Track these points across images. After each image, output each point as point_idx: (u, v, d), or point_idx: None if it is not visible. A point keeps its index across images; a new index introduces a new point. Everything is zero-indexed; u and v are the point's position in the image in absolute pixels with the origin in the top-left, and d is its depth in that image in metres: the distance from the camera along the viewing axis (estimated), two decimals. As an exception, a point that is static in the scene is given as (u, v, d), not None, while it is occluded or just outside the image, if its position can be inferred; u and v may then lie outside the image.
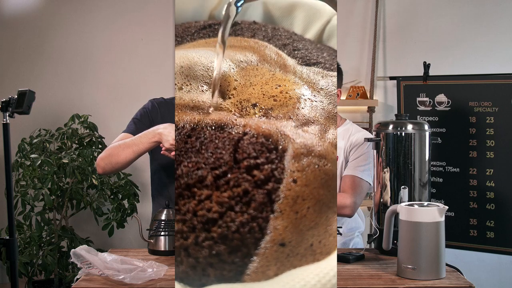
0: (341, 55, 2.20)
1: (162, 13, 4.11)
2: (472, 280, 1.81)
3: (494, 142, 3.09)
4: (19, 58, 4.18)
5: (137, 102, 2.46)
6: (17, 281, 2.21)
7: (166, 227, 2.07)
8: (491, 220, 3.10)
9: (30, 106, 2.20)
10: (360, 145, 2.37)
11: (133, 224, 3.68)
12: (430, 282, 1.79)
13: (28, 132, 3.79)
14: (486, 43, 3.95)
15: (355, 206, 2.31)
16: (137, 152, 2.17)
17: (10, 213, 2.25)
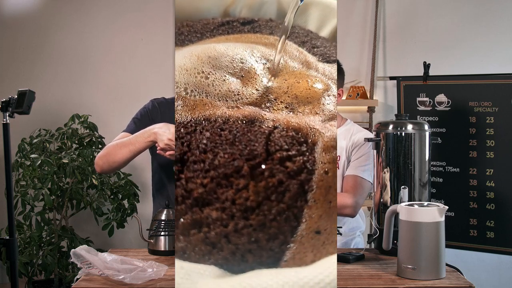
0: (341, 55, 2.20)
1: (162, 13, 4.11)
2: (472, 280, 1.81)
3: (494, 142, 3.09)
4: (19, 58, 4.18)
5: (137, 102, 2.46)
6: (17, 281, 2.21)
7: (166, 227, 2.07)
8: (491, 220, 3.09)
9: (30, 106, 2.20)
10: (361, 145, 2.37)
11: (133, 224, 3.68)
12: (430, 282, 1.79)
13: (28, 132, 3.79)
14: (486, 43, 3.95)
15: (358, 206, 2.30)
16: (133, 151, 2.17)
17: (10, 213, 2.25)
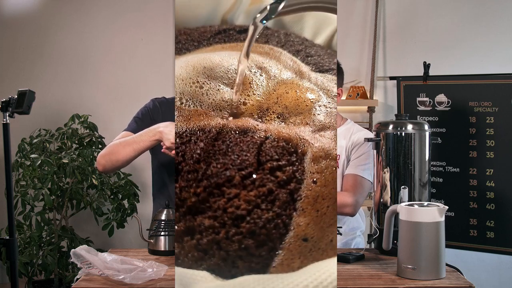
0: (341, 55, 2.20)
1: (162, 13, 4.11)
2: (472, 280, 1.81)
3: (494, 142, 3.09)
4: (19, 58, 4.18)
5: (137, 102, 2.46)
6: (17, 281, 2.21)
7: (166, 227, 2.07)
8: (491, 220, 3.10)
9: (30, 106, 2.20)
10: (361, 144, 2.37)
11: (133, 224, 3.68)
12: (430, 282, 1.79)
13: (28, 132, 3.79)
14: (486, 43, 3.95)
15: (357, 205, 2.31)
16: (137, 150, 2.17)
17: (10, 213, 2.25)
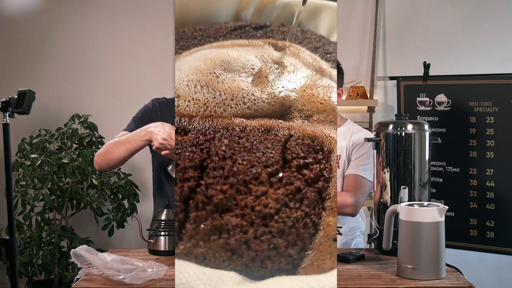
0: (341, 55, 2.20)
1: (162, 13, 4.11)
2: (472, 280, 1.81)
3: (494, 142, 3.09)
4: (19, 58, 4.18)
5: (137, 102, 2.46)
6: (17, 281, 2.21)
7: (166, 227, 2.07)
8: (491, 220, 3.10)
9: (30, 106, 2.20)
10: (362, 144, 2.37)
11: (133, 224, 3.68)
12: (430, 282, 1.79)
13: (28, 132, 3.79)
14: (486, 43, 3.95)
15: (358, 205, 2.31)
16: (130, 150, 2.18)
17: (10, 213, 2.25)
